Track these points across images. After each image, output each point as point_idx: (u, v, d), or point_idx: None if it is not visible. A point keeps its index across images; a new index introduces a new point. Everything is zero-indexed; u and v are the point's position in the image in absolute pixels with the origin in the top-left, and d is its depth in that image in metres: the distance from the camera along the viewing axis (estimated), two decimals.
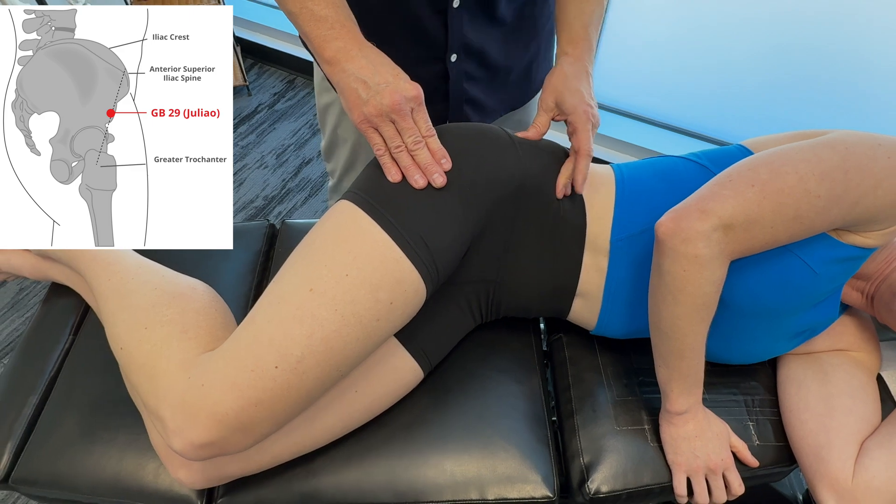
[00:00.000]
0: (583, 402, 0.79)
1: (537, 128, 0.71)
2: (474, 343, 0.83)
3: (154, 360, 0.60)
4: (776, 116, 1.66)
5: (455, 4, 0.72)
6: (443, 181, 0.62)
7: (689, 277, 0.59)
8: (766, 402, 0.78)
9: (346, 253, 0.59)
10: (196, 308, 0.66)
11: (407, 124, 0.61)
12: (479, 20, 0.76)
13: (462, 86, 0.82)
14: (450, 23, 0.74)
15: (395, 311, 0.61)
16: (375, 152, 0.64)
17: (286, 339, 0.56)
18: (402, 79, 0.62)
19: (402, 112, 0.61)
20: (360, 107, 0.61)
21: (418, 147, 0.62)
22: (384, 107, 0.60)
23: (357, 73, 0.61)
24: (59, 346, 0.82)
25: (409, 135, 0.62)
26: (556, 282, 0.73)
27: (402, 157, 0.62)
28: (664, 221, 0.60)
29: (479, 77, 0.83)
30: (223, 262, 0.93)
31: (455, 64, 0.79)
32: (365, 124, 0.62)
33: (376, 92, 0.60)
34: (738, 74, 1.63)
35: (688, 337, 0.62)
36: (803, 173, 0.58)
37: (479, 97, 0.85)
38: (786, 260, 0.63)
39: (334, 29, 0.62)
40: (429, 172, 0.62)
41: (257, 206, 1.78)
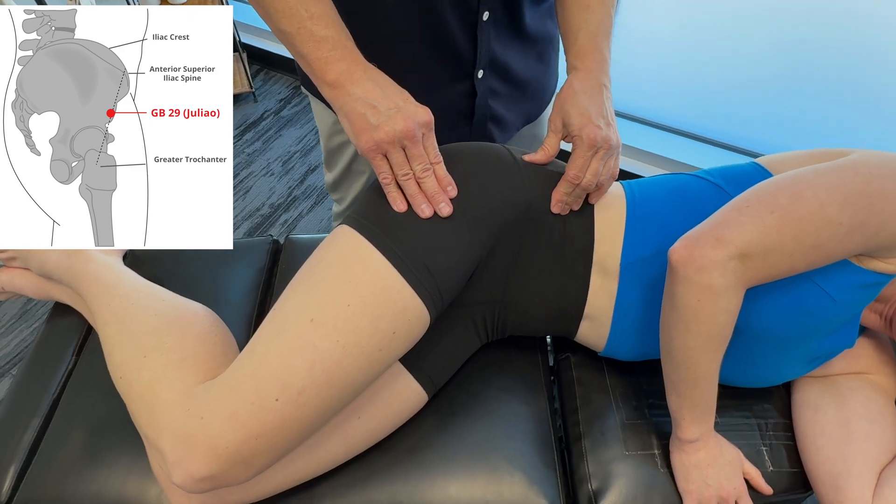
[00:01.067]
0: (591, 424, 0.77)
1: (545, 150, 0.69)
2: (480, 362, 0.81)
3: (153, 390, 0.59)
4: (784, 117, 1.62)
5: (484, 17, 0.70)
6: (449, 210, 0.61)
7: (703, 307, 0.57)
8: (780, 425, 0.76)
9: (347, 282, 0.58)
10: (196, 334, 0.65)
11: (418, 151, 0.59)
12: (504, 34, 0.74)
13: (487, 103, 0.80)
14: (479, 36, 0.72)
15: (397, 340, 0.59)
16: (381, 180, 0.61)
17: (287, 370, 0.55)
18: (411, 103, 0.60)
19: (415, 138, 0.58)
20: (370, 132, 0.58)
21: (426, 175, 0.60)
22: (397, 133, 0.57)
23: (364, 97, 0.58)
24: (62, 366, 0.82)
25: (419, 162, 0.60)
26: (563, 304, 0.71)
27: (409, 185, 0.60)
28: (678, 248, 0.58)
29: (502, 92, 0.81)
30: (226, 280, 0.92)
31: (482, 80, 0.77)
32: (373, 151, 0.59)
33: (388, 117, 0.58)
34: (747, 76, 1.60)
35: (700, 367, 0.61)
36: (825, 199, 0.56)
37: (501, 113, 0.83)
38: (803, 286, 0.61)
39: (336, 50, 0.59)
40: (435, 201, 0.60)
41: (263, 214, 1.78)
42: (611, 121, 0.64)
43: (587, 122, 0.62)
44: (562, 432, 0.80)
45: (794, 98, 1.57)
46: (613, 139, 0.63)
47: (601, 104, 0.64)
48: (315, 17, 0.58)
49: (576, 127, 0.63)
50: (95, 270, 0.74)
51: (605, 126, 0.63)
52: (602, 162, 0.63)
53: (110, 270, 0.74)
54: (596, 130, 0.62)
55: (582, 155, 0.62)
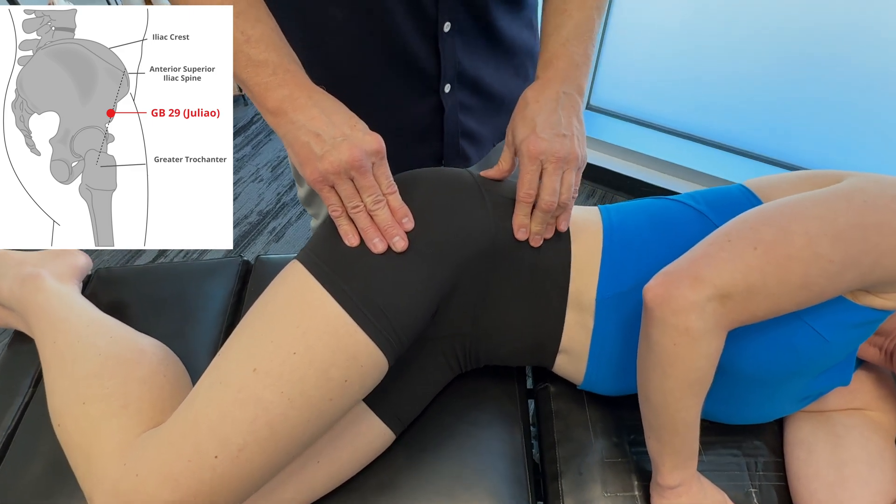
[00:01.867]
0: (569, 463, 0.73)
1: (499, 166, 0.63)
2: (453, 392, 0.77)
3: (90, 440, 0.55)
4: (782, 118, 1.57)
5: (445, 28, 0.65)
6: (403, 245, 0.56)
7: (680, 352, 0.52)
8: (772, 464, 0.72)
9: (294, 328, 0.54)
10: (141, 377, 0.61)
11: (367, 182, 0.55)
12: (473, 44, 0.69)
13: (457, 118, 0.75)
14: (441, 48, 0.67)
15: (350, 388, 0.55)
16: (331, 213, 0.57)
17: (226, 425, 0.51)
18: (359, 129, 0.55)
19: (363, 168, 0.54)
20: (314, 163, 0.54)
21: (378, 206, 0.55)
22: (342, 163, 0.53)
23: (308, 125, 0.54)
24: (17, 398, 0.79)
25: (369, 193, 0.55)
26: (537, 338, 0.67)
27: (361, 217, 0.56)
28: (653, 286, 0.53)
29: (474, 107, 0.76)
30: (194, 303, 0.88)
31: (449, 95, 0.72)
32: (320, 183, 0.55)
33: (332, 146, 0.53)
34: (741, 74, 1.54)
35: (680, 413, 0.56)
36: (814, 233, 0.50)
37: (473, 129, 0.78)
38: (792, 325, 0.56)
39: (277, 74, 0.55)
40: (389, 235, 0.56)
41: (251, 222, 1.74)
42: (565, 132, 0.57)
43: (530, 133, 0.57)
44: (538, 470, 0.76)
45: (788, 96, 1.51)
46: (561, 151, 0.56)
47: (553, 114, 0.58)
48: (252, 41, 0.54)
49: (519, 140, 0.58)
50: (45, 302, 0.70)
51: (553, 137, 0.56)
52: (556, 177, 0.57)
53: (61, 302, 0.71)
54: (538, 142, 0.56)
55: (526, 170, 0.57)
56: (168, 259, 1.66)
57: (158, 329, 0.82)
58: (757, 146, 1.65)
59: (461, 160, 0.81)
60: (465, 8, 0.65)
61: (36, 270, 0.75)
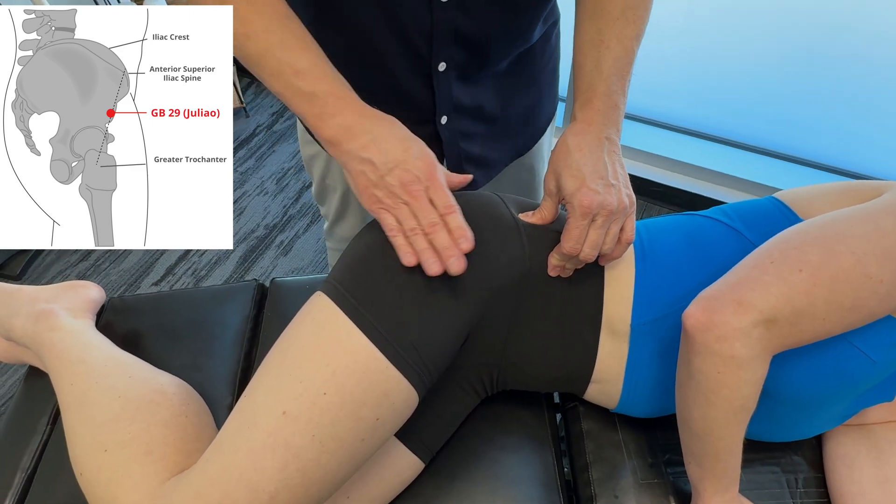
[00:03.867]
0: (603, 485, 0.71)
1: (542, 214, 0.61)
2: (481, 417, 0.75)
3: (114, 492, 0.54)
4: (804, 115, 1.54)
5: (440, 68, 0.64)
6: (459, 267, 0.53)
7: (725, 380, 0.50)
8: (812, 480, 0.70)
9: (323, 367, 0.52)
10: (164, 420, 0.59)
11: (420, 205, 0.53)
12: (469, 79, 0.67)
13: (458, 146, 0.73)
14: (436, 87, 0.65)
15: (382, 427, 0.53)
16: (388, 234, 0.55)
17: (257, 472, 0.49)
18: (411, 154, 0.54)
19: (415, 193, 0.53)
20: (370, 189, 0.54)
21: (434, 230, 0.53)
22: (395, 188, 0.53)
23: (361, 153, 0.54)
24: (35, 437, 0.77)
25: (425, 216, 0.53)
26: (568, 368, 0.65)
27: (418, 240, 0.54)
28: (693, 313, 0.51)
29: (476, 133, 0.74)
30: (210, 332, 0.86)
31: (446, 125, 0.70)
32: (376, 206, 0.55)
33: (385, 173, 0.53)
34: (752, 71, 1.52)
35: (724, 440, 0.54)
36: (862, 253, 0.48)
37: (478, 153, 0.76)
38: (838, 348, 0.54)
39: (328, 104, 0.54)
40: (445, 257, 0.53)
41: (258, 236, 1.72)
42: (613, 181, 0.55)
43: (581, 185, 0.55)
44: (572, 493, 0.74)
45: (800, 93, 1.49)
46: (613, 202, 0.54)
47: (599, 161, 0.56)
48: (301, 73, 0.54)
49: (568, 192, 0.55)
50: (60, 341, 0.69)
51: (604, 188, 0.55)
52: (602, 230, 0.55)
53: (76, 340, 0.69)
54: (591, 196, 0.54)
55: (576, 224, 0.55)
56: (176, 276, 1.64)
57: (174, 360, 0.81)
58: (779, 145, 1.62)
59: (466, 186, 0.79)
60: (461, 48, 0.63)
61: (49, 307, 0.73)
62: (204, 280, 1.63)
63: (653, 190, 1.74)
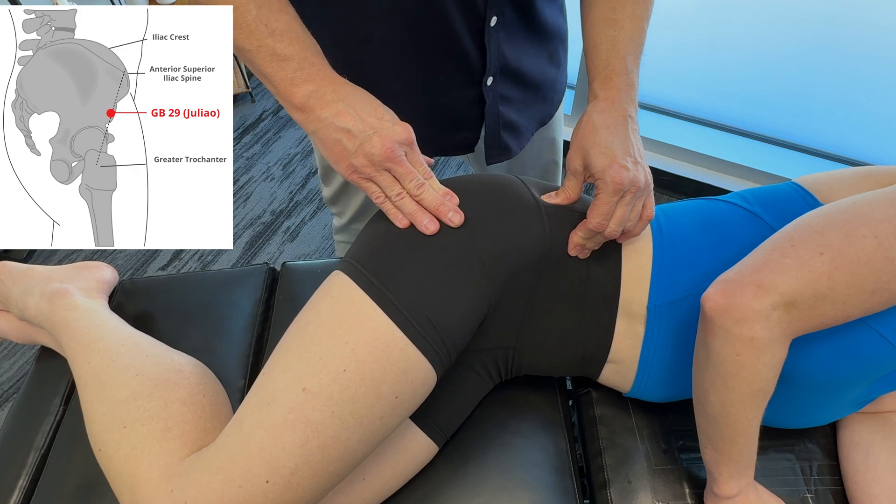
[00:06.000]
0: (617, 471, 0.71)
1: (567, 194, 0.61)
2: (493, 401, 0.75)
3: (134, 467, 0.54)
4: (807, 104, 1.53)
5: (492, 23, 0.63)
6: (460, 219, 0.54)
7: (744, 362, 0.50)
8: (826, 468, 0.70)
9: (343, 344, 0.52)
10: (182, 398, 0.59)
11: (404, 169, 0.54)
12: (515, 36, 0.67)
13: (498, 110, 0.73)
14: (487, 43, 0.65)
15: (401, 405, 0.53)
16: (374, 200, 0.56)
17: (277, 448, 0.49)
18: (387, 120, 0.54)
19: (398, 158, 0.53)
20: (348, 159, 0.54)
21: (422, 190, 0.54)
22: (375, 156, 0.53)
23: (336, 122, 0.53)
24: (49, 418, 0.77)
25: (409, 179, 0.54)
26: (584, 350, 0.65)
27: (406, 203, 0.54)
28: (713, 295, 0.51)
29: (514, 98, 0.74)
30: (222, 314, 0.86)
31: (491, 87, 0.70)
32: (355, 175, 0.55)
33: (364, 140, 0.53)
34: (767, 59, 1.50)
35: (741, 423, 0.54)
36: (884, 236, 0.48)
37: (513, 119, 0.76)
38: (856, 331, 0.54)
39: (303, 69, 0.53)
40: (442, 213, 0.54)
41: (265, 222, 1.72)
42: (639, 158, 0.56)
43: (612, 162, 0.54)
44: (585, 478, 0.74)
45: (813, 80, 1.47)
46: (642, 179, 0.55)
47: (627, 139, 0.56)
48: (277, 34, 0.52)
49: (599, 169, 0.55)
50: (75, 321, 0.69)
51: (633, 165, 0.55)
52: (629, 207, 0.56)
53: (91, 320, 0.69)
54: (622, 172, 0.54)
55: (606, 201, 0.55)
56: (182, 261, 1.64)
57: (187, 342, 0.81)
58: (790, 135, 1.61)
59: (503, 152, 0.78)
60: (510, 3, 0.63)
61: (63, 286, 0.73)
62: (210, 265, 1.63)
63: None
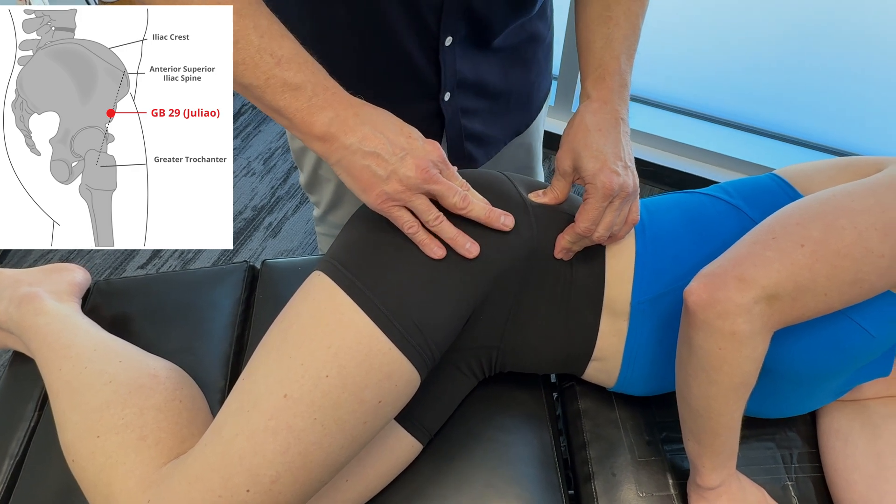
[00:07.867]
0: (601, 464, 0.71)
1: (555, 193, 0.60)
2: (478, 398, 0.75)
3: (109, 477, 0.52)
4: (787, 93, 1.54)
5: (447, 43, 0.62)
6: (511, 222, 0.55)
7: (726, 356, 0.50)
8: (806, 455, 0.71)
9: (324, 348, 0.51)
10: (157, 405, 0.58)
11: (444, 187, 0.51)
12: (475, 54, 0.65)
13: (460, 123, 0.71)
14: (442, 61, 0.63)
15: (384, 409, 0.53)
16: (406, 231, 0.53)
17: (258, 456, 0.48)
18: (416, 139, 0.51)
19: (434, 178, 0.50)
20: (380, 186, 0.50)
21: (467, 203, 0.52)
22: (411, 179, 0.50)
23: (363, 146, 0.49)
24: (23, 424, 0.75)
25: (452, 194, 0.51)
26: (568, 349, 0.64)
27: (445, 227, 0.52)
28: (695, 289, 0.51)
29: (478, 109, 0.72)
30: (201, 314, 0.85)
31: (449, 102, 0.68)
32: (388, 204, 0.51)
33: (396, 164, 0.49)
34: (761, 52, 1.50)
35: (723, 416, 0.54)
36: (863, 228, 0.48)
37: (479, 130, 0.74)
38: (837, 323, 0.54)
39: (318, 95, 0.49)
40: (493, 221, 0.54)
41: (246, 218, 1.69)
42: (629, 163, 0.55)
43: (602, 166, 0.53)
44: (569, 471, 0.74)
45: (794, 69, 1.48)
46: (630, 185, 0.54)
47: (618, 143, 0.55)
48: (284, 62, 0.49)
49: (589, 173, 0.54)
50: (45, 326, 0.67)
51: (623, 170, 0.54)
52: (618, 212, 0.55)
53: (63, 325, 0.67)
54: (612, 177, 0.53)
55: (596, 206, 0.54)
56: (162, 259, 1.61)
57: (166, 344, 0.79)
58: (771, 124, 1.62)
59: (467, 162, 0.77)
60: (467, 23, 0.61)
61: (33, 290, 0.71)
62: (191, 263, 1.60)
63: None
